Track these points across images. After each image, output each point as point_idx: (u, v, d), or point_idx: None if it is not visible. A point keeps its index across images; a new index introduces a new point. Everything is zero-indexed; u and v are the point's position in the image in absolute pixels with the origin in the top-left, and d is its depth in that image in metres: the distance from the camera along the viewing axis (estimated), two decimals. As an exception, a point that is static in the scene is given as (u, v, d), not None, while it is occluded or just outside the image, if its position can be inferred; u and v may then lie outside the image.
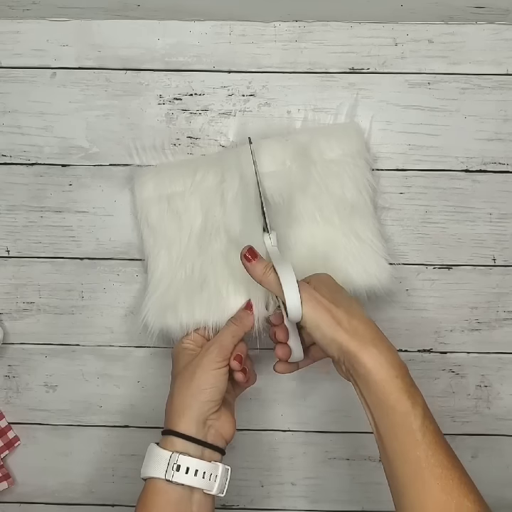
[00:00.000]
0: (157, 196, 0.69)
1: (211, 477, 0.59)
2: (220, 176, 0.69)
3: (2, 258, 0.73)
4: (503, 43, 0.71)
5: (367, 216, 0.69)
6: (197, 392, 0.60)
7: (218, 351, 0.62)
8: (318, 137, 0.69)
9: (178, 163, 0.71)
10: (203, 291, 0.67)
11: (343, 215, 0.68)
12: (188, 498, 0.58)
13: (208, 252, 0.68)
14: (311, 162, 0.68)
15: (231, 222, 0.67)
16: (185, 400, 0.60)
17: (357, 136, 0.70)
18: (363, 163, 0.69)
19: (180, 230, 0.69)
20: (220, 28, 0.71)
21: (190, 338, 0.66)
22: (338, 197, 0.68)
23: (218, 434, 0.61)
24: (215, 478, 0.59)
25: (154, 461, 0.58)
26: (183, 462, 0.57)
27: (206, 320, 0.66)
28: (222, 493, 0.60)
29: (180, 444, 0.58)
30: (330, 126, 0.71)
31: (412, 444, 0.52)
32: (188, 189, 0.69)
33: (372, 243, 0.68)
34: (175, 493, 0.57)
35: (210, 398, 0.60)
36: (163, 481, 0.57)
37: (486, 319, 0.74)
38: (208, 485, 0.58)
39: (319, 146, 0.69)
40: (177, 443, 0.58)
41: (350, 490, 0.76)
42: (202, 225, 0.69)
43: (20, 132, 0.72)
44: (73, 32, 0.71)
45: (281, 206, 0.68)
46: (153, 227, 0.69)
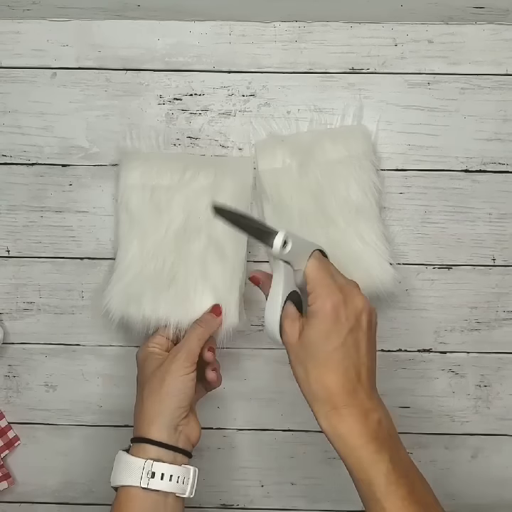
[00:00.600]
0: (141, 185, 0.68)
1: (184, 481, 0.60)
2: (212, 178, 0.68)
3: (2, 258, 0.74)
4: (502, 43, 0.71)
5: (372, 219, 0.69)
6: (167, 399, 0.60)
7: (186, 357, 0.62)
8: (323, 138, 0.69)
9: (170, 157, 0.71)
10: (171, 288, 0.67)
11: (348, 217, 0.68)
12: (163, 503, 0.59)
13: (182, 251, 0.68)
14: (314, 162, 0.68)
15: (217, 232, 0.67)
16: (156, 407, 0.60)
17: (364, 138, 0.69)
18: (368, 165, 0.69)
19: (157, 223, 0.68)
20: (220, 28, 0.71)
21: (155, 341, 0.65)
22: (343, 198, 0.68)
23: (187, 438, 0.62)
24: (188, 481, 0.60)
25: (127, 469, 0.59)
26: (157, 469, 0.58)
27: (169, 317, 0.66)
28: (192, 494, 0.61)
29: (153, 451, 0.59)
30: (336, 128, 0.71)
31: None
32: (175, 185, 0.68)
33: (376, 246, 0.68)
34: (150, 499, 0.58)
35: (180, 404, 0.60)
36: (138, 488, 0.58)
37: (485, 319, 0.74)
38: (181, 488, 0.60)
39: (324, 147, 0.68)
40: (150, 450, 0.59)
41: (350, 490, 0.76)
42: (182, 223, 0.68)
43: (20, 132, 0.72)
44: (73, 32, 0.71)
45: (281, 206, 0.68)
46: (132, 214, 0.68)
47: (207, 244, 0.67)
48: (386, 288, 0.68)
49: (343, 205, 0.68)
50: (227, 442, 0.76)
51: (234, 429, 0.76)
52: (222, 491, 0.77)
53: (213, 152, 0.72)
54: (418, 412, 0.75)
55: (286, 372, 0.72)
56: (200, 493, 0.77)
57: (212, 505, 0.77)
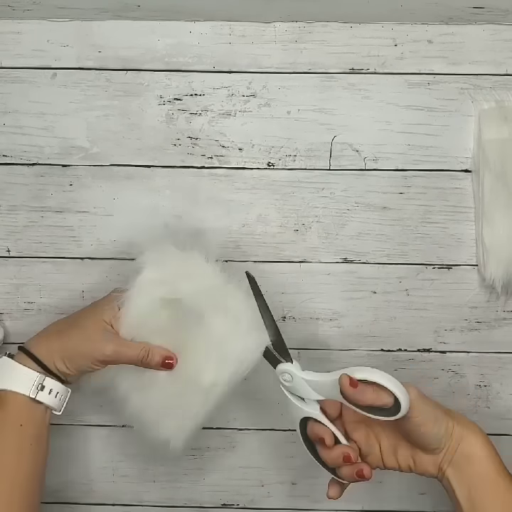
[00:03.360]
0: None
1: (61, 398, 0.63)
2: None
3: (3, 258, 0.74)
4: (502, 43, 0.71)
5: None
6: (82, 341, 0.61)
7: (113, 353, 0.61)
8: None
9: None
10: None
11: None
12: (42, 415, 0.62)
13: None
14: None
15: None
16: (70, 340, 0.62)
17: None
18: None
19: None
20: (220, 29, 0.71)
21: (113, 319, 0.62)
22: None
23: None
24: (64, 400, 0.63)
25: (18, 376, 0.61)
26: (48, 384, 0.61)
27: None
28: (61, 412, 0.64)
29: (35, 367, 0.61)
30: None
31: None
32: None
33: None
34: (34, 409, 0.61)
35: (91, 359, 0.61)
36: (25, 397, 0.60)
37: (485, 319, 0.74)
38: (59, 406, 0.63)
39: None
40: (33, 365, 0.61)
41: (350, 490, 0.76)
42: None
43: (20, 132, 0.72)
44: (74, 32, 0.71)
45: (504, 177, 0.67)
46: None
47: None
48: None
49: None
50: (227, 442, 0.76)
51: (234, 429, 0.76)
52: (222, 491, 0.77)
53: (213, 152, 0.72)
54: (418, 411, 0.75)
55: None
56: (200, 493, 0.77)
57: (213, 505, 0.77)
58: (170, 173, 0.73)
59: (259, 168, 0.73)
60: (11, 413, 0.60)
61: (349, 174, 0.72)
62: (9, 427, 0.60)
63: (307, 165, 0.72)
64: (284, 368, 0.60)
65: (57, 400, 0.62)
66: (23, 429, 0.60)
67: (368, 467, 0.58)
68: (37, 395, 0.60)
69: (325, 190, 0.73)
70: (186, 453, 0.76)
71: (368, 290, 0.74)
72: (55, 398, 0.62)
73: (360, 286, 0.73)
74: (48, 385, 0.61)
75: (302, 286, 0.73)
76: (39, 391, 0.60)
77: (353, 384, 0.54)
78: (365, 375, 0.56)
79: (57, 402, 0.62)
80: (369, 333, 0.74)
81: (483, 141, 0.69)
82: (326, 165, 0.72)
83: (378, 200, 0.72)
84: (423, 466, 0.59)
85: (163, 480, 0.77)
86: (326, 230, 0.73)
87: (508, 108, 0.70)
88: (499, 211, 0.69)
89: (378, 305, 0.73)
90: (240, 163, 0.73)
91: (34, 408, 0.61)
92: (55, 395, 0.62)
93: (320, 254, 0.73)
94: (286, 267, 0.73)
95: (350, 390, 0.54)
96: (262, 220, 0.73)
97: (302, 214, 0.73)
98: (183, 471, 0.77)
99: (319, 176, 0.72)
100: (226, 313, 0.61)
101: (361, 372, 0.56)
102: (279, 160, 0.72)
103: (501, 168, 0.69)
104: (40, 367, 0.61)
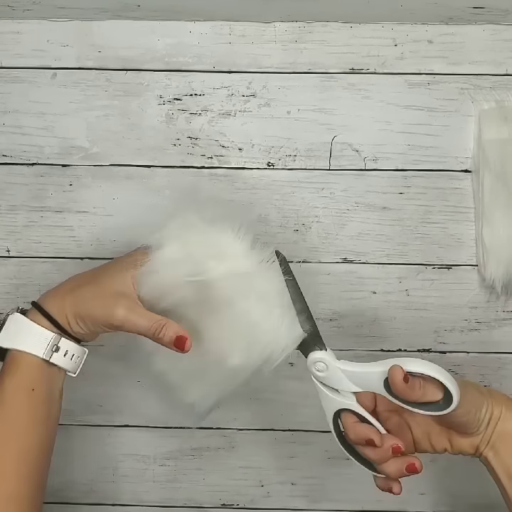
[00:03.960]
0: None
1: (77, 360, 0.59)
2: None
3: (3, 258, 0.74)
4: (502, 43, 0.71)
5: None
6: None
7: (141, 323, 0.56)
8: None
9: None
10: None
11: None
12: (56, 378, 0.58)
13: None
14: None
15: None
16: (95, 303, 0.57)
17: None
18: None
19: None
20: (220, 29, 0.71)
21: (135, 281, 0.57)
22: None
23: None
24: (80, 361, 0.59)
25: (31, 336, 0.56)
26: (63, 345, 0.57)
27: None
28: (75, 374, 0.60)
29: (48, 325, 0.57)
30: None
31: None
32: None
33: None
34: (47, 371, 0.57)
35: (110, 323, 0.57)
36: (38, 358, 0.56)
37: (485, 319, 0.74)
38: (74, 368, 0.59)
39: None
40: (46, 323, 0.57)
41: (350, 490, 0.76)
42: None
43: (20, 132, 0.72)
44: (74, 32, 0.71)
45: (503, 177, 0.66)
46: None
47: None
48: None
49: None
50: (227, 442, 0.76)
51: (234, 429, 0.76)
52: (222, 491, 0.77)
53: (213, 152, 0.72)
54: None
55: (286, 372, 0.72)
56: (200, 493, 0.77)
57: (212, 505, 0.77)
58: (170, 173, 0.73)
59: (259, 168, 0.73)
60: (23, 376, 0.56)
61: (349, 174, 0.72)
62: (21, 392, 0.56)
63: (307, 165, 0.72)
64: (318, 356, 0.55)
65: (72, 361, 0.58)
66: (35, 394, 0.56)
67: (418, 460, 0.54)
68: (51, 357, 0.56)
69: (325, 190, 0.73)
70: (186, 453, 0.76)
71: (367, 290, 0.74)
72: (71, 360, 0.58)
73: (360, 286, 0.73)
74: (64, 346, 0.57)
75: (302, 286, 0.73)
76: (54, 352, 0.56)
77: (405, 378, 0.50)
78: (419, 368, 0.51)
79: (72, 364, 0.58)
80: (369, 333, 0.74)
81: (483, 141, 0.69)
82: (326, 165, 0.72)
83: (378, 200, 0.72)
84: (460, 448, 0.56)
85: (163, 480, 0.77)
86: (326, 230, 0.73)
87: (508, 108, 0.70)
88: (499, 211, 0.69)
89: (378, 305, 0.73)
90: (240, 163, 0.73)
91: (47, 371, 0.57)
92: (70, 357, 0.57)
93: (320, 254, 0.73)
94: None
95: (402, 385, 0.50)
96: (262, 220, 0.73)
97: (302, 214, 0.73)
98: (182, 471, 0.77)
99: (319, 176, 0.72)
100: (257, 298, 0.55)
101: (413, 365, 0.51)
102: (279, 160, 0.72)
103: (501, 168, 0.69)
104: (54, 326, 0.57)
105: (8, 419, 0.55)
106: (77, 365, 0.59)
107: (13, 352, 0.57)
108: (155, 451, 0.76)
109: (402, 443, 0.53)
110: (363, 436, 0.54)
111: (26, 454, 0.56)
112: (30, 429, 0.56)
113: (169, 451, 0.77)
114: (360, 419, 0.55)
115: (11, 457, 0.55)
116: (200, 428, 0.76)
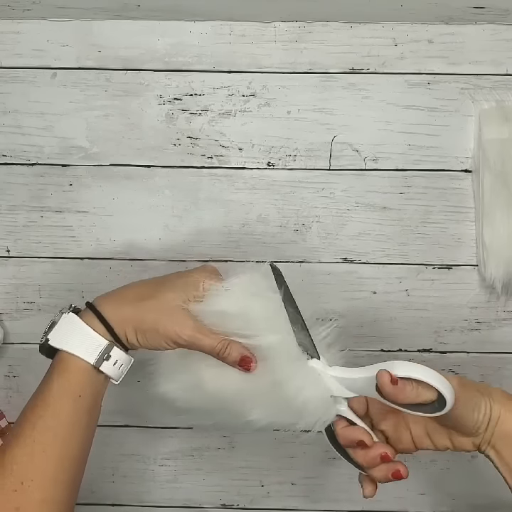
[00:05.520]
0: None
1: (123, 369, 0.58)
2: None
3: (2, 258, 0.74)
4: (502, 43, 0.71)
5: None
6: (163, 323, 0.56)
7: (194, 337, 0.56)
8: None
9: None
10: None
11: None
12: (101, 385, 0.57)
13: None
14: None
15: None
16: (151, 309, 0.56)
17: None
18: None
19: None
20: (220, 28, 0.71)
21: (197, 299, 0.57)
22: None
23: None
24: (125, 370, 0.59)
25: (86, 341, 0.56)
26: (114, 354, 0.56)
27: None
28: (118, 382, 0.59)
29: (102, 330, 0.56)
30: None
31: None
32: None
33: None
34: (95, 378, 0.56)
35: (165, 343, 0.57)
36: (88, 363, 0.55)
37: (485, 319, 0.74)
38: (119, 376, 0.58)
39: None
40: (99, 327, 0.56)
41: (350, 490, 0.76)
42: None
43: (20, 132, 0.72)
44: (73, 32, 0.71)
45: (503, 177, 0.67)
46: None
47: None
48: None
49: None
50: (227, 442, 0.76)
51: (234, 429, 0.76)
52: (222, 491, 0.77)
53: (213, 152, 0.72)
54: (418, 412, 0.75)
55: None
56: (200, 493, 0.77)
57: (212, 505, 0.77)
58: (170, 173, 0.73)
59: (259, 168, 0.73)
60: (72, 381, 0.55)
61: (349, 174, 0.72)
62: (67, 397, 0.55)
63: (307, 165, 0.72)
64: (309, 365, 0.56)
65: (120, 371, 0.57)
66: (81, 400, 0.56)
67: (404, 467, 0.54)
68: (101, 365, 0.56)
69: (325, 190, 0.73)
70: (186, 453, 0.76)
71: (368, 290, 0.74)
72: (119, 370, 0.57)
73: (360, 286, 0.73)
74: (115, 355, 0.56)
75: (302, 286, 0.73)
76: (104, 360, 0.56)
77: (393, 381, 0.50)
78: (406, 371, 0.51)
79: (119, 373, 0.58)
80: (369, 333, 0.74)
81: (484, 141, 0.69)
82: (326, 165, 0.72)
83: (378, 200, 0.72)
84: (461, 446, 0.56)
85: (163, 480, 0.77)
86: (326, 230, 0.73)
87: (508, 108, 0.70)
88: (499, 211, 0.69)
89: (378, 305, 0.73)
90: (240, 163, 0.73)
91: (95, 378, 0.56)
92: (119, 367, 0.57)
93: (320, 254, 0.73)
94: (286, 266, 0.73)
95: (390, 389, 0.50)
96: (262, 220, 0.73)
97: (302, 214, 0.73)
98: (182, 471, 0.77)
99: (319, 176, 0.72)
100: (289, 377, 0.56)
101: (401, 368, 0.51)
102: (279, 160, 0.72)
103: (501, 168, 0.69)
104: (110, 334, 0.56)
105: (51, 424, 0.55)
106: (122, 374, 0.59)
107: (63, 353, 0.56)
108: (155, 451, 0.77)
109: (391, 450, 0.54)
110: (353, 438, 0.54)
111: (65, 461, 0.55)
112: (72, 437, 0.56)
113: (169, 451, 0.77)
114: (351, 424, 0.56)
115: (50, 463, 0.54)
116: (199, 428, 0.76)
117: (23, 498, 0.53)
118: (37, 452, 0.53)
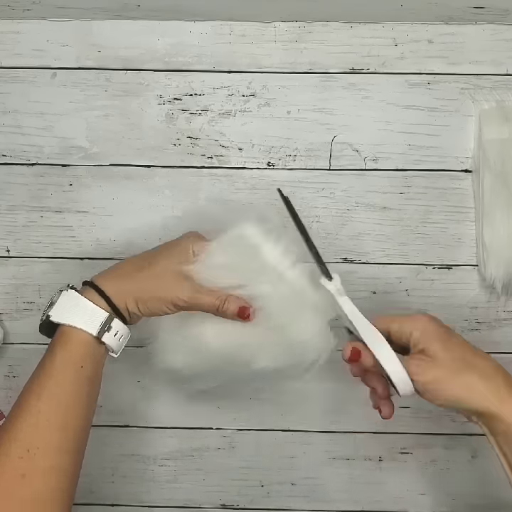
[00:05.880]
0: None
1: (122, 340, 0.60)
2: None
3: (2, 258, 0.74)
4: (502, 43, 0.71)
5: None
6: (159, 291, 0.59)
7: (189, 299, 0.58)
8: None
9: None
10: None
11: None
12: (102, 356, 0.59)
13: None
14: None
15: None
16: (146, 282, 0.59)
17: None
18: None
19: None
20: (220, 28, 0.71)
21: (190, 262, 0.60)
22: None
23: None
24: (124, 341, 0.60)
25: (86, 314, 0.57)
26: (115, 325, 0.58)
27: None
28: (117, 355, 0.61)
29: (103, 304, 0.58)
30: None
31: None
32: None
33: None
34: (96, 349, 0.58)
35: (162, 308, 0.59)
36: (90, 335, 0.57)
37: (485, 319, 0.74)
38: (119, 347, 0.60)
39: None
40: (100, 301, 0.58)
41: (350, 490, 0.76)
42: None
43: (20, 132, 0.72)
44: (73, 32, 0.71)
45: (503, 177, 0.68)
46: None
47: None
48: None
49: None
50: (227, 442, 0.76)
51: (234, 429, 0.76)
52: (222, 491, 0.77)
53: (213, 152, 0.72)
54: (418, 412, 0.75)
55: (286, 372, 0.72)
56: (200, 493, 0.77)
57: (212, 506, 0.77)
58: (170, 173, 0.73)
59: (259, 168, 0.73)
60: (74, 353, 0.57)
61: (349, 174, 0.72)
62: (70, 367, 0.57)
63: (307, 165, 0.72)
64: (327, 287, 0.59)
65: (120, 342, 0.59)
66: (83, 371, 0.57)
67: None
68: (103, 336, 0.57)
69: (325, 190, 0.73)
70: (186, 453, 0.76)
71: (367, 290, 0.73)
72: (119, 341, 0.59)
73: (360, 286, 0.73)
74: (115, 326, 0.58)
75: (302, 286, 0.73)
76: (105, 332, 0.57)
77: (355, 352, 0.57)
78: (375, 348, 0.56)
79: (119, 345, 0.59)
80: (369, 333, 0.74)
81: (484, 141, 0.69)
82: (326, 165, 0.72)
83: (378, 200, 0.72)
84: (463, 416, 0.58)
85: (163, 480, 0.77)
86: (326, 230, 0.73)
87: (508, 108, 0.70)
88: (499, 211, 0.69)
89: (378, 305, 0.73)
90: (240, 163, 0.73)
91: (97, 349, 0.58)
92: (119, 338, 0.59)
93: (320, 254, 0.73)
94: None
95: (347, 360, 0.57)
96: (262, 220, 0.73)
97: (302, 214, 0.72)
98: (182, 472, 0.77)
99: (319, 176, 0.72)
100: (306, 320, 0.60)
101: (382, 351, 0.56)
102: (279, 160, 0.72)
103: (501, 168, 0.69)
104: (110, 306, 0.58)
105: (54, 394, 0.56)
106: (121, 346, 0.60)
107: (64, 327, 0.57)
108: (155, 451, 0.76)
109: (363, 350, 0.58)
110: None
111: (68, 429, 0.56)
112: (75, 406, 0.57)
113: (169, 451, 0.77)
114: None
115: (54, 431, 0.55)
116: (200, 428, 0.76)
117: (29, 464, 0.53)
118: (41, 421, 0.55)
